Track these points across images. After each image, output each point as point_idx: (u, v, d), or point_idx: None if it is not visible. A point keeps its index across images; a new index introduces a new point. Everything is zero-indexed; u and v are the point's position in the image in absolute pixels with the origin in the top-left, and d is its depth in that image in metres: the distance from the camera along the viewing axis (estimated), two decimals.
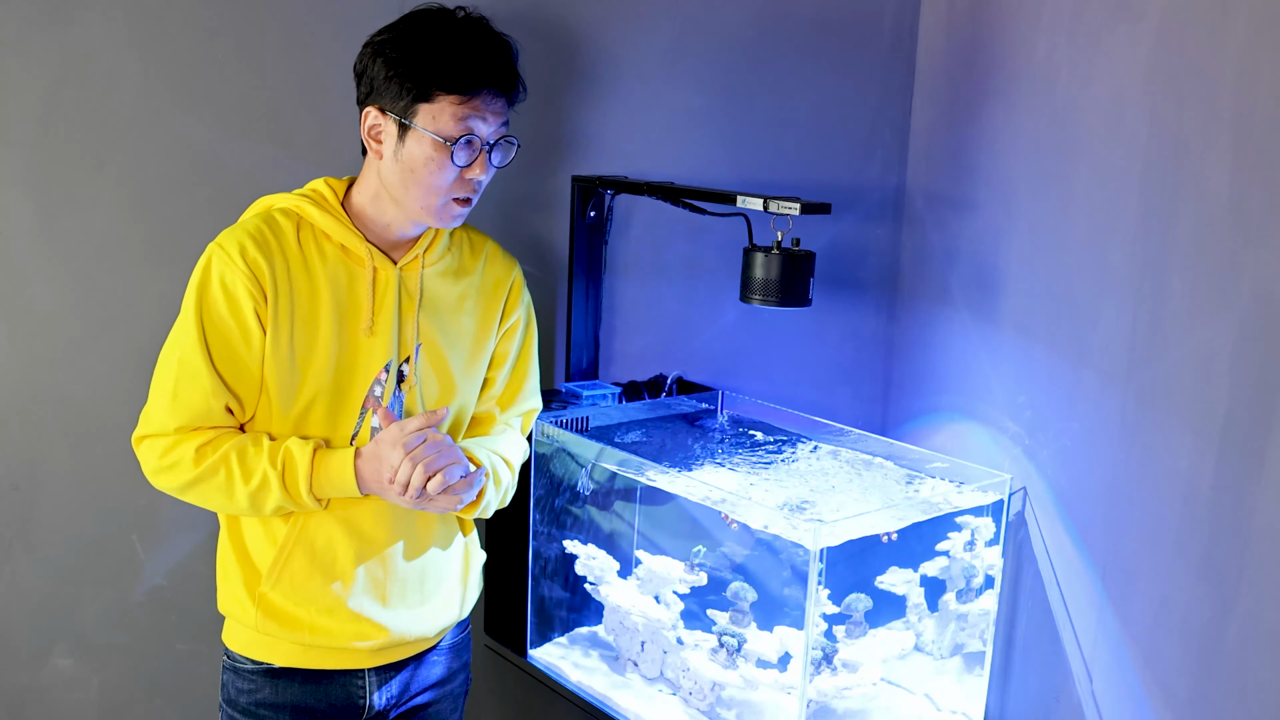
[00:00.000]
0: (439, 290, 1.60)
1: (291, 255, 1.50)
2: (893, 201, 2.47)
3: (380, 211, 1.55)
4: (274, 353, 1.49)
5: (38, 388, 1.84)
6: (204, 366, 1.47)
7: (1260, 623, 1.56)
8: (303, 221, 1.53)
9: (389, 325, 1.54)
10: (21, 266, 1.80)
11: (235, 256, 1.46)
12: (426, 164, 1.47)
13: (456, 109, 1.46)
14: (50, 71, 1.76)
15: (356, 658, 1.61)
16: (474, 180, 1.51)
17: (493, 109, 1.49)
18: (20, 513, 1.86)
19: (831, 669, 1.78)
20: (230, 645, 1.63)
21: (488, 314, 1.65)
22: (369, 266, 1.54)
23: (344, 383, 1.53)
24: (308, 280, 1.51)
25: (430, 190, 1.49)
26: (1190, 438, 1.68)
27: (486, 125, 1.49)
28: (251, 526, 1.57)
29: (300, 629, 1.56)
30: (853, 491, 1.89)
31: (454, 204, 1.52)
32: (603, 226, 2.12)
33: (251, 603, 1.56)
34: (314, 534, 1.55)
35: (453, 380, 1.62)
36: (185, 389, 1.48)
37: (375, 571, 1.58)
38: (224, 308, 1.47)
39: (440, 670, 1.72)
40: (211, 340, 1.47)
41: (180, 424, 1.48)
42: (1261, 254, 1.56)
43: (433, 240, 1.60)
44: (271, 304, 1.48)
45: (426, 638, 1.66)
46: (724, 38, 2.26)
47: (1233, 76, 1.61)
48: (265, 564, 1.56)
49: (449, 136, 1.46)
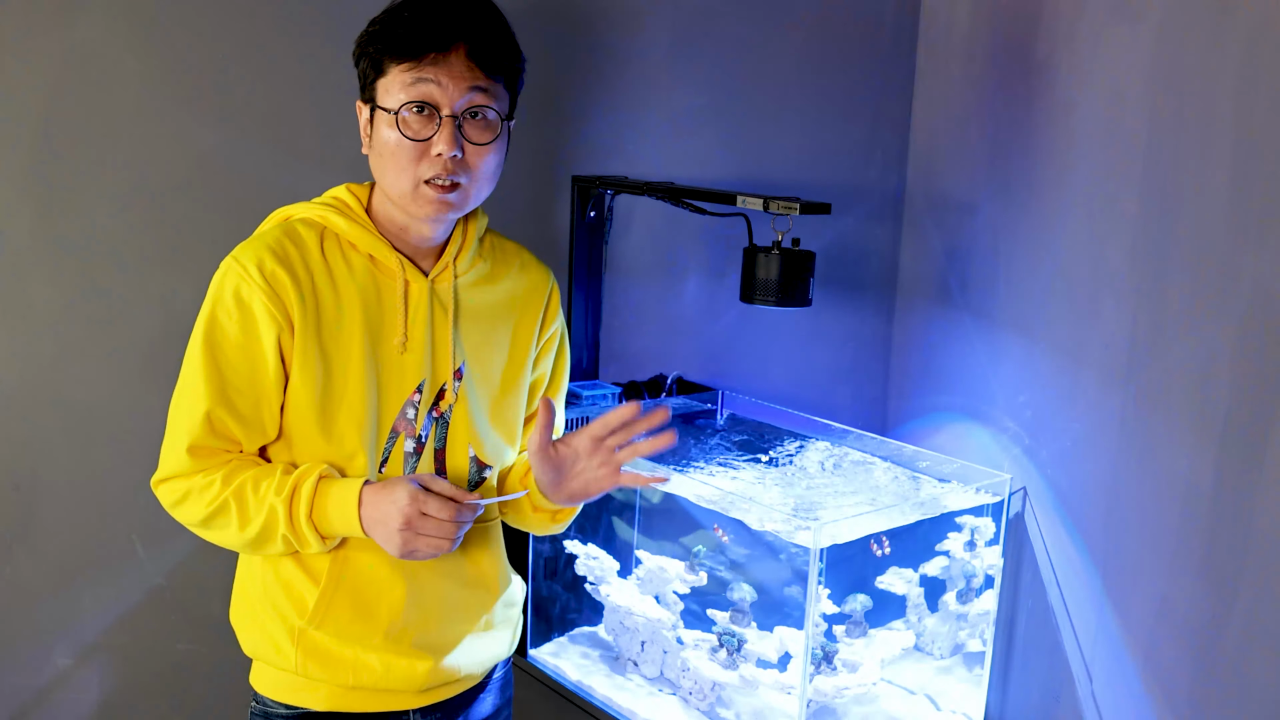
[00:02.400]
0: (474, 300, 1.48)
1: (316, 269, 1.39)
2: (893, 201, 2.47)
3: (389, 215, 1.43)
4: (302, 375, 1.37)
5: (38, 388, 1.84)
6: (204, 389, 1.35)
7: (1260, 623, 1.56)
8: (326, 232, 1.41)
9: (423, 341, 1.43)
10: (21, 266, 1.80)
11: (253, 271, 1.35)
12: (388, 143, 1.35)
13: (404, 75, 1.33)
14: (50, 71, 1.76)
15: (402, 699, 1.49)
16: (444, 158, 1.34)
17: (451, 72, 1.33)
18: (20, 513, 1.86)
19: (831, 669, 1.78)
20: (260, 689, 1.49)
21: (527, 322, 1.54)
22: (400, 279, 1.42)
23: (379, 404, 1.42)
24: (335, 295, 1.39)
25: (399, 172, 1.36)
26: (1190, 438, 1.68)
27: (443, 90, 1.33)
28: (288, 564, 1.44)
29: (344, 670, 1.44)
30: (853, 492, 1.89)
31: (428, 188, 1.36)
32: (603, 226, 2.12)
33: (291, 644, 1.43)
34: (359, 569, 1.44)
35: (497, 392, 1.51)
36: (188, 417, 1.37)
37: (424, 606, 1.47)
38: (236, 326, 1.35)
39: (488, 708, 1.62)
40: (220, 361, 1.36)
41: (192, 460, 1.37)
42: (1261, 254, 1.56)
43: (462, 247, 1.48)
44: (299, 324, 1.36)
45: (475, 675, 1.55)
46: (724, 38, 2.26)
47: (1233, 76, 1.61)
48: (306, 603, 1.43)
49: (398, 106, 1.34)
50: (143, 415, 1.87)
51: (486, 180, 1.41)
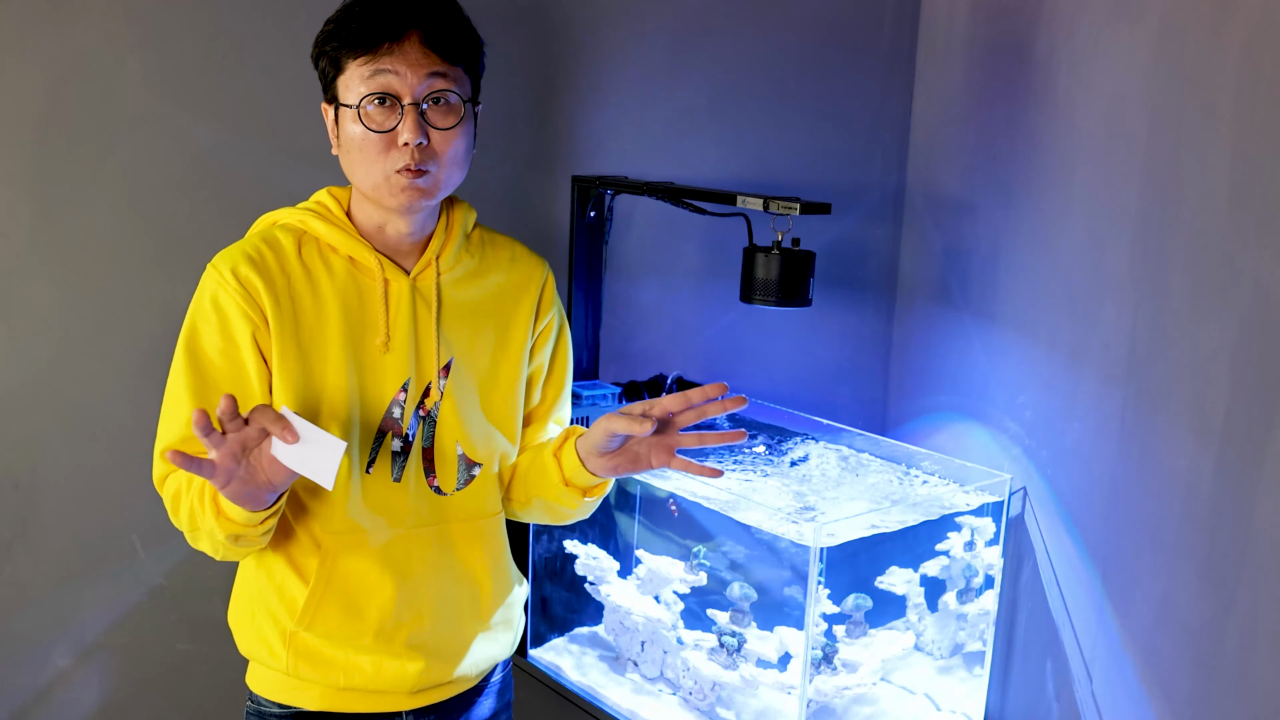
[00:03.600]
0: (459, 296, 1.49)
1: (294, 273, 1.40)
2: (893, 201, 2.47)
3: (367, 214, 1.44)
4: (282, 378, 1.38)
5: (38, 388, 1.84)
6: (185, 393, 1.37)
7: (1260, 623, 1.56)
8: (306, 236, 1.43)
9: (407, 340, 1.44)
10: (21, 266, 1.80)
11: (228, 276, 1.37)
12: (354, 139, 1.36)
13: (362, 69, 1.34)
14: (50, 71, 1.76)
15: (394, 700, 1.49)
16: (410, 146, 1.35)
17: (408, 60, 1.34)
18: (20, 513, 1.86)
19: (831, 669, 1.78)
20: (255, 689, 1.51)
21: (521, 314, 1.54)
22: (380, 279, 1.43)
23: (361, 405, 1.42)
24: (314, 298, 1.41)
25: (368, 166, 1.37)
26: (1190, 438, 1.68)
27: (402, 79, 1.34)
28: (279, 564, 1.45)
29: (334, 671, 1.45)
30: (853, 491, 1.89)
31: (399, 176, 1.37)
32: (603, 226, 2.12)
33: (282, 645, 1.45)
34: (347, 569, 1.45)
35: (491, 386, 1.51)
36: (171, 419, 1.39)
37: (415, 606, 1.47)
38: (215, 331, 1.38)
39: (486, 711, 1.61)
40: (201, 364, 1.38)
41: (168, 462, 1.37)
42: (1261, 254, 1.56)
43: (445, 244, 1.48)
44: (275, 326, 1.38)
45: (470, 677, 1.55)
46: (724, 38, 2.26)
47: (1233, 76, 1.61)
48: (296, 603, 1.44)
49: (358, 100, 1.35)
50: (143, 415, 1.86)
51: (457, 166, 1.42)
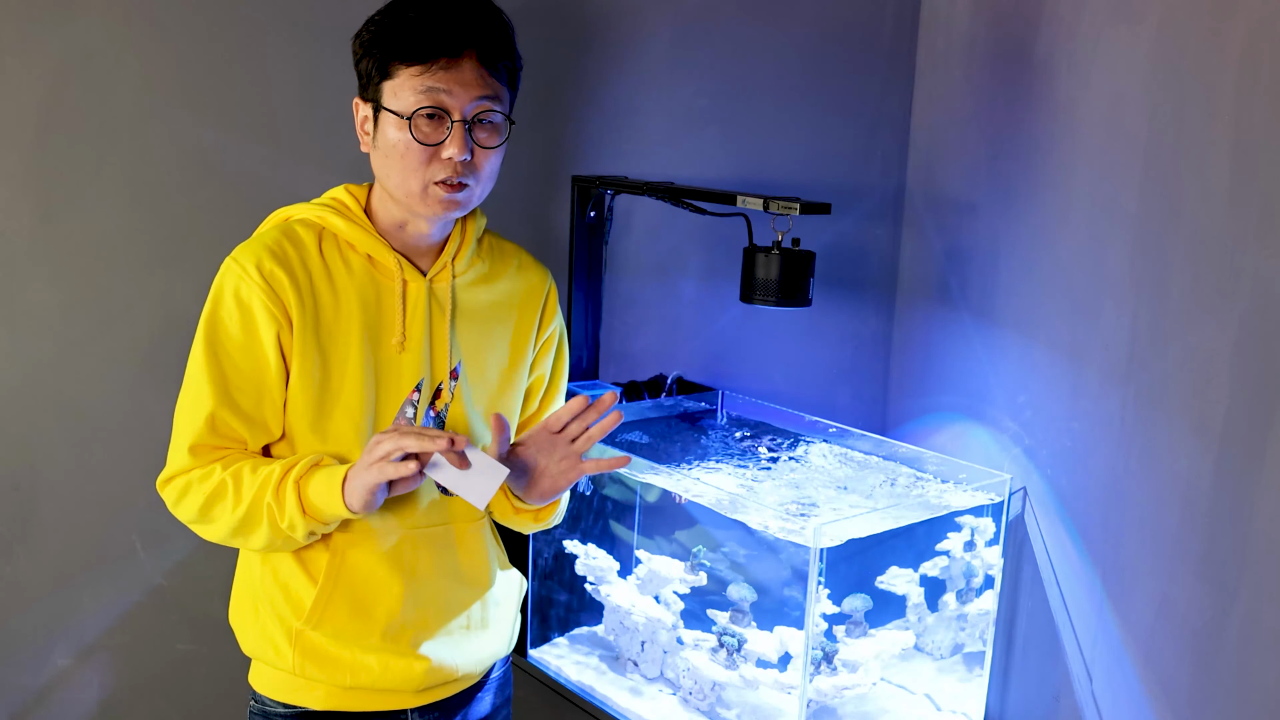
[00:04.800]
0: (470, 300, 1.50)
1: (315, 269, 1.40)
2: (893, 201, 2.47)
3: (388, 212, 1.44)
4: (301, 375, 1.39)
5: (38, 388, 1.84)
6: (208, 388, 1.37)
7: (1260, 623, 1.56)
8: (325, 233, 1.43)
9: (421, 341, 1.45)
10: (21, 266, 1.80)
11: (251, 271, 1.36)
12: (396, 146, 1.36)
13: (415, 80, 1.34)
14: (50, 71, 1.76)
15: (400, 698, 1.49)
16: (453, 160, 1.37)
17: (461, 79, 1.35)
18: (20, 513, 1.86)
19: (831, 669, 1.78)
20: (259, 688, 1.50)
21: (525, 322, 1.55)
22: (398, 279, 1.43)
23: (376, 404, 1.43)
24: (333, 296, 1.41)
25: (408, 174, 1.37)
26: (1190, 437, 1.68)
27: (454, 97, 1.35)
28: (286, 563, 1.45)
29: (341, 670, 1.45)
30: (853, 492, 1.89)
31: (437, 188, 1.38)
32: (603, 226, 2.12)
33: (288, 644, 1.44)
34: (356, 568, 1.44)
35: (494, 391, 1.52)
36: (193, 417, 1.38)
37: (421, 606, 1.48)
38: (237, 325, 1.37)
39: (486, 707, 1.62)
40: (222, 360, 1.37)
41: (193, 458, 1.38)
42: (1261, 254, 1.56)
43: (460, 247, 1.49)
44: (297, 323, 1.38)
45: (473, 674, 1.55)
46: (724, 38, 2.26)
47: (1233, 76, 1.61)
48: (304, 603, 1.44)
49: (409, 111, 1.35)
50: (143, 415, 1.87)
51: (490, 180, 1.44)
